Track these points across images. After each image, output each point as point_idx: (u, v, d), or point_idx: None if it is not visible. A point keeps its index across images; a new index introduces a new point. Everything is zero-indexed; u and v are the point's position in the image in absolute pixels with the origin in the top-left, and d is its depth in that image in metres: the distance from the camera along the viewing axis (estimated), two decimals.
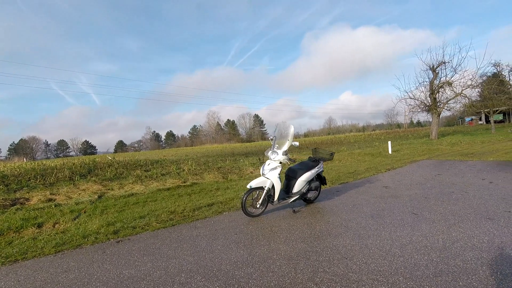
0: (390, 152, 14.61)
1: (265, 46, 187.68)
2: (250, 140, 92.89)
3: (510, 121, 49.50)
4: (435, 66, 21.83)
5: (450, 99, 21.31)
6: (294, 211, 5.10)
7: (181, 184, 8.91)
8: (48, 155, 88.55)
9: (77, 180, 9.81)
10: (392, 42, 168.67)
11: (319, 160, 5.57)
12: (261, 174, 4.96)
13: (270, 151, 5.02)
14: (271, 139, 5.31)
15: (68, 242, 4.19)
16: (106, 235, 4.41)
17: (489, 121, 47.94)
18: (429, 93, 22.06)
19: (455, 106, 22.41)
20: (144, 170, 12.27)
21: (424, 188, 6.34)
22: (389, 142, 15.43)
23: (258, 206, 4.89)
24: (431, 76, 22.01)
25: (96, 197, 7.50)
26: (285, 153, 4.90)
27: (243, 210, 4.73)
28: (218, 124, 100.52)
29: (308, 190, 5.32)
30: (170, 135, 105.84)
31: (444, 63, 21.08)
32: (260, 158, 13.05)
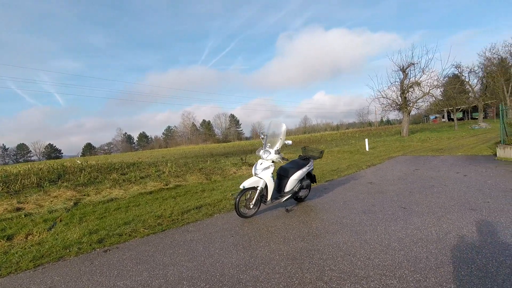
0: (367, 149, 15.13)
1: (240, 45, 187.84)
2: (227, 140, 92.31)
3: (469, 119, 53.33)
4: (405, 67, 22.98)
5: (419, 98, 22.57)
6: (287, 210, 5.07)
7: (163, 187, 8.57)
8: (6, 160, 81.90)
9: (46, 186, 9.11)
10: (362, 44, 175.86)
11: (309, 158, 5.58)
12: (253, 174, 4.87)
13: (262, 150, 4.94)
14: (262, 138, 5.23)
15: (48, 254, 3.83)
16: (90, 245, 4.09)
17: (452, 118, 51.62)
18: (399, 92, 23.19)
19: (423, 105, 23.73)
20: (121, 174, 11.69)
21: (406, 183, 6.59)
22: (366, 140, 15.98)
23: (251, 206, 4.79)
24: (402, 76, 23.14)
25: (71, 204, 6.99)
26: (278, 151, 4.84)
27: (236, 211, 4.61)
28: (194, 125, 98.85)
29: (300, 188, 5.31)
30: (143, 136, 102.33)
31: (413, 64, 22.28)
32: (242, 158, 12.94)
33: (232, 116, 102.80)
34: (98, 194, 8.20)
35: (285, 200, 5.08)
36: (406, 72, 22.99)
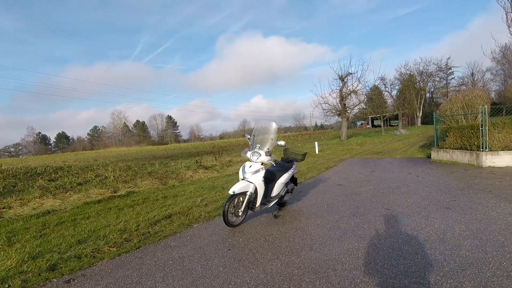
0: (317, 152, 15.82)
1: (177, 44, 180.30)
2: (163, 142, 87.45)
3: (388, 126, 61.05)
4: (343, 76, 24.97)
5: (356, 105, 24.77)
6: (275, 216, 4.75)
7: (112, 194, 7.37)
8: None
9: None
10: (298, 53, 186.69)
11: (293, 161, 5.38)
12: (241, 178, 4.43)
13: (250, 152, 4.54)
14: (249, 138, 4.83)
15: None
16: (39, 274, 3.11)
17: (375, 125, 58.41)
18: (339, 99, 25.10)
19: (358, 111, 26.12)
20: (49, 180, 9.81)
21: (372, 184, 6.92)
22: (316, 143, 16.72)
23: (240, 213, 4.33)
24: (341, 84, 25.10)
25: None
26: (269, 153, 4.50)
27: (224, 220, 4.10)
28: (126, 125, 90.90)
29: (286, 192, 5.06)
30: (62, 137, 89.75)
31: (351, 74, 24.37)
32: (197, 160, 12.14)
33: (169, 117, 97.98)
34: (25, 205, 6.62)
35: (272, 205, 4.75)
36: (345, 80, 25.05)
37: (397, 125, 46.26)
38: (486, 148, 8.03)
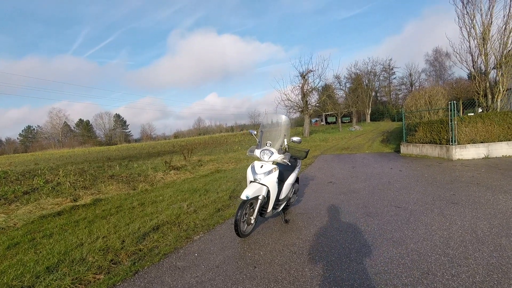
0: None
1: (124, 38, 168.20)
2: (111, 142, 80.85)
3: (340, 122, 64.42)
4: (304, 73, 25.39)
5: (317, 102, 25.38)
6: (286, 221, 4.27)
7: (75, 204, 6.16)
8: None
9: None
10: (252, 51, 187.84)
11: (296, 158, 4.95)
12: (250, 180, 3.86)
13: (260, 150, 3.99)
14: (255, 135, 4.27)
15: None
16: None
17: (328, 122, 61.22)
18: (301, 96, 25.49)
19: (318, 108, 26.82)
20: None
21: (362, 180, 6.84)
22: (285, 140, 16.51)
23: (252, 221, 3.77)
24: (302, 81, 25.49)
25: None
26: (282, 151, 3.99)
27: (236, 230, 3.51)
28: (66, 125, 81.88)
29: (293, 193, 4.62)
30: None
31: (312, 71, 24.88)
32: (167, 161, 11.04)
33: (118, 116, 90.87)
34: None
35: (281, 209, 4.27)
36: (306, 77, 25.52)
37: (349, 122, 49.13)
38: (455, 141, 8.56)
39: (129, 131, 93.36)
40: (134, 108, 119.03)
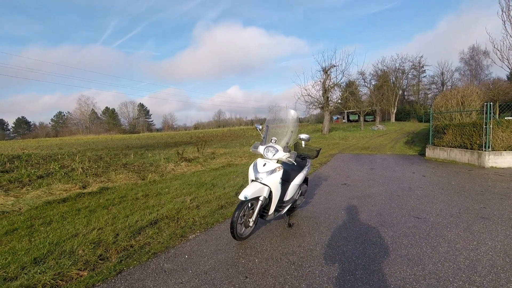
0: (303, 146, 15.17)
1: (150, 29, 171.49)
2: (135, 131, 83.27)
3: (362, 121, 62.41)
4: (326, 68, 24.51)
5: (339, 99, 24.49)
6: (289, 225, 3.93)
7: (81, 190, 6.15)
8: None
9: None
10: (276, 45, 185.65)
11: (306, 157, 4.56)
12: (251, 178, 3.54)
13: (263, 147, 3.65)
14: (260, 130, 3.93)
15: None
16: None
17: (350, 120, 59.40)
18: (322, 92, 24.67)
19: (339, 105, 25.89)
20: (1, 171, 8.23)
21: (379, 184, 6.32)
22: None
23: (251, 223, 3.46)
24: (324, 77, 24.63)
25: None
26: (288, 148, 3.63)
27: (232, 233, 3.21)
28: (94, 112, 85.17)
29: (299, 195, 4.25)
30: (22, 122, 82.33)
31: (334, 66, 23.95)
32: (179, 152, 10.97)
33: (141, 105, 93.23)
34: None
35: (285, 211, 3.92)
36: (328, 73, 24.63)
37: (372, 121, 47.31)
38: (489, 147, 7.76)
39: (152, 121, 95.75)
40: (158, 98, 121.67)
